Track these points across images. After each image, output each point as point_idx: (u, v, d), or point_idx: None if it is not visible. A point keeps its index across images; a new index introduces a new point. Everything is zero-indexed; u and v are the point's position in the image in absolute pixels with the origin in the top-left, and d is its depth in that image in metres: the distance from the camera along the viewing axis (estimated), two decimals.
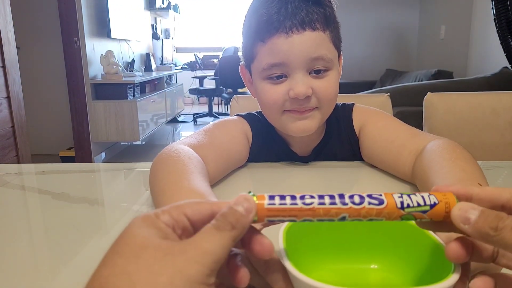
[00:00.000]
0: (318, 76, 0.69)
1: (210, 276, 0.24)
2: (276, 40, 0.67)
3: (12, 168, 0.82)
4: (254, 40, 0.70)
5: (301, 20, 0.66)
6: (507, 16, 2.41)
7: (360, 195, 0.28)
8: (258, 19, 0.68)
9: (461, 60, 3.56)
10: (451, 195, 0.28)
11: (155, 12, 4.93)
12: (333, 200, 0.28)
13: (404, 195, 0.28)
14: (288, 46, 0.66)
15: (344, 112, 0.82)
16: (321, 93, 0.69)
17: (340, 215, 0.28)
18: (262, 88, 0.72)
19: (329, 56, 0.69)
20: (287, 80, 0.69)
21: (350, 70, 4.34)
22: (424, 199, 0.28)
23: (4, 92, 2.12)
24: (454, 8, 3.74)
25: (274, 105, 0.71)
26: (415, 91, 2.44)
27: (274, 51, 0.67)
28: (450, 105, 1.13)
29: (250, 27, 0.71)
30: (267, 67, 0.68)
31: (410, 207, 0.28)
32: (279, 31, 0.66)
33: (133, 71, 3.94)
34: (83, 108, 3.28)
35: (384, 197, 0.28)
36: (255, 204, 0.27)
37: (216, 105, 5.88)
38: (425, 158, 0.60)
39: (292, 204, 0.27)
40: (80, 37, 3.18)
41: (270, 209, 0.27)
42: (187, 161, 0.57)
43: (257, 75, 0.72)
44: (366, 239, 0.38)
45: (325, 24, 0.68)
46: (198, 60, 5.66)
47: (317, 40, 0.67)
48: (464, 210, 0.27)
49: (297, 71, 0.67)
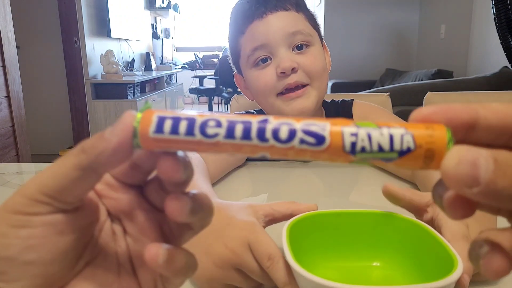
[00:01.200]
0: (301, 52, 0.71)
1: (31, 206, 0.20)
2: (253, 26, 0.71)
3: (12, 168, 0.82)
4: (236, 36, 0.75)
5: (274, 6, 0.70)
6: (507, 16, 2.41)
7: (291, 126, 0.19)
8: (235, 16, 0.74)
9: (461, 60, 3.56)
10: (442, 129, 0.18)
11: (155, 12, 4.93)
12: (247, 134, 0.19)
13: (362, 128, 0.19)
14: (265, 26, 0.70)
15: (344, 107, 0.82)
16: (307, 66, 0.70)
17: (257, 153, 0.19)
18: (251, 76, 0.73)
19: (307, 31, 0.71)
20: (273, 61, 0.71)
21: (350, 69, 4.34)
22: (393, 140, 0.18)
23: (4, 91, 2.12)
24: (454, 8, 3.74)
25: (266, 88, 0.72)
26: (415, 91, 2.43)
27: (254, 35, 0.71)
28: None
29: (231, 28, 0.76)
30: (250, 53, 0.71)
31: (365, 152, 0.18)
32: (254, 18, 0.71)
33: (133, 70, 3.94)
34: (83, 107, 3.28)
35: (327, 132, 0.19)
36: (128, 127, 0.20)
37: (216, 104, 5.87)
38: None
39: (187, 135, 0.19)
40: (80, 36, 3.18)
41: (158, 139, 0.20)
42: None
43: (245, 67, 0.74)
44: (368, 237, 0.38)
45: (297, 7, 0.72)
46: (198, 59, 5.66)
47: (291, 17, 0.71)
48: (468, 162, 0.16)
49: (279, 48, 0.70)
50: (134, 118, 0.20)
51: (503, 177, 0.16)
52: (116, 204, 0.24)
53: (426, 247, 0.34)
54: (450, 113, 0.18)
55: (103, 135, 0.20)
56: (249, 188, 0.71)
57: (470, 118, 0.18)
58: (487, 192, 0.16)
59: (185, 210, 0.21)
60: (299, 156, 0.19)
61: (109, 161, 0.20)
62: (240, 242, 0.34)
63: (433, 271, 0.32)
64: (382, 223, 0.37)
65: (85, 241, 0.22)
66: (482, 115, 0.18)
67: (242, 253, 0.34)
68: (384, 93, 1.11)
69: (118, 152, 0.20)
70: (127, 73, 3.67)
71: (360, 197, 0.65)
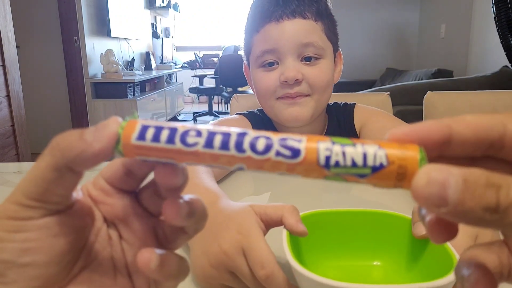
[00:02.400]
0: (309, 63, 0.70)
1: (22, 211, 0.20)
2: (268, 27, 0.70)
3: (12, 167, 0.82)
4: (251, 32, 0.74)
5: (292, 10, 0.69)
6: (507, 15, 2.41)
7: (268, 140, 0.19)
8: (254, 12, 0.73)
9: (461, 59, 3.56)
10: (414, 148, 0.18)
11: (155, 11, 4.92)
12: (225, 144, 0.19)
13: (336, 144, 0.19)
14: (279, 31, 0.69)
15: (345, 111, 0.82)
16: (311, 79, 0.70)
17: (235, 164, 0.20)
18: (256, 76, 0.74)
19: (320, 44, 0.70)
20: (279, 67, 0.71)
21: (350, 69, 4.34)
22: (366, 156, 0.19)
23: (4, 90, 2.12)
24: (454, 7, 3.74)
25: (267, 91, 0.72)
26: (415, 90, 2.43)
27: (266, 38, 0.70)
28: (450, 104, 1.13)
29: (248, 21, 0.75)
30: (260, 54, 0.71)
31: (339, 167, 0.19)
32: (271, 19, 0.70)
33: (133, 70, 3.94)
34: (83, 107, 3.29)
35: (303, 145, 0.19)
36: (112, 134, 0.20)
37: (216, 104, 5.87)
38: None
39: (168, 143, 0.20)
40: (80, 35, 3.18)
41: (139, 147, 0.20)
42: None
43: (253, 64, 0.75)
44: (369, 236, 0.38)
45: (316, 16, 0.71)
46: (198, 59, 5.66)
47: (307, 27, 0.70)
48: (436, 182, 0.16)
49: (288, 56, 0.69)
50: (118, 125, 0.21)
51: (471, 198, 0.15)
52: (111, 210, 0.24)
53: (426, 246, 0.34)
54: (422, 133, 0.18)
55: (83, 136, 0.20)
56: (251, 186, 0.71)
57: (442, 136, 0.18)
58: (455, 213, 0.16)
59: (182, 214, 0.21)
60: (275, 169, 0.20)
61: (87, 163, 0.20)
62: (234, 245, 0.34)
63: (433, 270, 0.32)
64: (383, 222, 0.37)
65: (80, 244, 0.23)
66: (455, 131, 0.18)
67: (235, 256, 0.34)
68: (384, 93, 1.11)
69: (98, 157, 0.20)
70: (127, 72, 3.67)
71: (361, 192, 0.65)
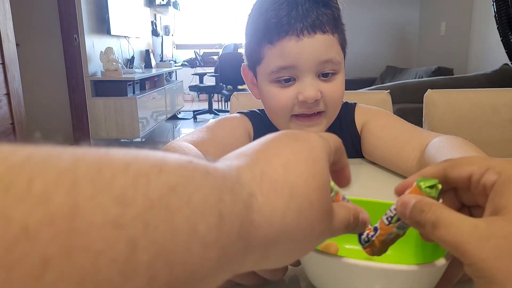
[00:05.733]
0: (326, 79, 0.68)
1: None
2: (287, 43, 0.65)
3: None
4: (261, 41, 0.68)
5: (312, 23, 0.64)
6: (508, 13, 2.40)
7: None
8: (267, 21, 0.66)
9: (462, 57, 3.56)
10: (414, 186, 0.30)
11: (154, 9, 4.92)
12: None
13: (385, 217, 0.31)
14: (299, 49, 0.65)
15: (346, 110, 0.82)
16: (328, 96, 0.68)
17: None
18: (269, 91, 0.70)
19: (337, 59, 0.68)
20: (296, 84, 0.67)
21: (350, 67, 4.32)
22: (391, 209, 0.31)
23: (4, 89, 2.12)
24: (454, 5, 3.73)
25: (283, 109, 0.69)
26: (415, 88, 2.43)
27: (284, 54, 0.66)
28: (450, 102, 1.13)
29: (257, 28, 0.68)
30: (276, 70, 0.67)
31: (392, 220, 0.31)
32: (289, 33, 0.65)
33: (132, 68, 3.94)
34: (83, 105, 3.28)
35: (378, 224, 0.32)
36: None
37: (216, 102, 5.87)
38: (433, 148, 0.60)
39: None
40: (79, 33, 3.18)
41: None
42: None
43: (264, 77, 0.70)
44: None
45: (334, 27, 0.68)
46: (198, 57, 5.65)
47: (327, 43, 0.66)
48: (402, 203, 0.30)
49: (307, 75, 0.66)
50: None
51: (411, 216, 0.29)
52: None
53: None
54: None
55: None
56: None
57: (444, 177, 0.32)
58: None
59: None
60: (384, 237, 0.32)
61: None
62: None
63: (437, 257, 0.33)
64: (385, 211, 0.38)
65: None
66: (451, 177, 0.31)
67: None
68: (384, 91, 1.11)
69: None
70: (127, 70, 3.67)
71: (362, 190, 0.65)
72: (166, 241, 0.15)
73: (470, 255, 0.23)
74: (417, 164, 0.64)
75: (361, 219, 0.29)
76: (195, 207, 0.16)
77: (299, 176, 0.22)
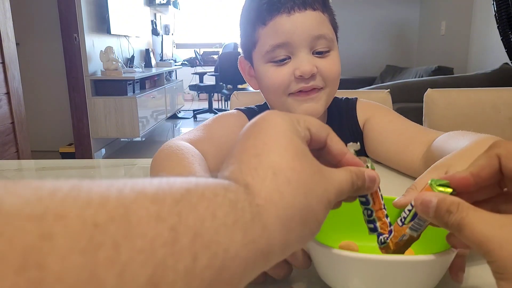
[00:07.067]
0: (321, 56, 0.69)
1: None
2: (279, 20, 0.67)
3: (12, 164, 0.82)
4: (255, 24, 0.70)
5: (302, 1, 0.67)
6: (508, 12, 2.40)
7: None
8: (258, 4, 0.69)
9: (462, 56, 3.56)
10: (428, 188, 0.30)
11: (154, 8, 4.91)
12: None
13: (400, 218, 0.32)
14: (291, 24, 0.66)
15: (347, 105, 0.81)
16: (326, 72, 0.69)
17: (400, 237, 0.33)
18: (265, 71, 0.71)
19: (330, 36, 0.69)
20: (291, 61, 0.68)
21: (350, 66, 4.34)
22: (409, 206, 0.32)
23: (4, 88, 2.12)
24: (454, 4, 3.73)
25: (280, 87, 0.70)
26: (415, 87, 2.43)
27: (277, 31, 0.67)
28: (451, 101, 1.13)
29: (250, 14, 0.71)
30: (270, 49, 0.68)
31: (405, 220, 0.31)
32: (280, 11, 0.67)
33: (132, 67, 3.93)
34: (83, 104, 3.28)
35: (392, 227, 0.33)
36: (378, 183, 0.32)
37: (216, 101, 5.87)
38: (441, 141, 0.59)
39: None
40: (79, 33, 3.18)
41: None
42: (191, 159, 0.56)
43: (260, 59, 0.71)
44: None
45: (323, 6, 0.69)
46: (198, 56, 5.65)
47: (318, 19, 0.68)
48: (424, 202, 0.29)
49: (301, 50, 0.67)
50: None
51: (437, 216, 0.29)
52: None
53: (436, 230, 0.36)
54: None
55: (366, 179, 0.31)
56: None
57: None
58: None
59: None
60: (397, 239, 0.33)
61: None
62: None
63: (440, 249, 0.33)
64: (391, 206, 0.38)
65: None
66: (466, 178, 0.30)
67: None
68: (384, 90, 1.11)
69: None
70: (126, 69, 3.67)
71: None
72: (197, 226, 0.19)
73: (493, 254, 0.24)
74: (422, 159, 0.64)
75: (368, 176, 0.30)
76: (210, 198, 0.20)
77: (272, 155, 0.24)
